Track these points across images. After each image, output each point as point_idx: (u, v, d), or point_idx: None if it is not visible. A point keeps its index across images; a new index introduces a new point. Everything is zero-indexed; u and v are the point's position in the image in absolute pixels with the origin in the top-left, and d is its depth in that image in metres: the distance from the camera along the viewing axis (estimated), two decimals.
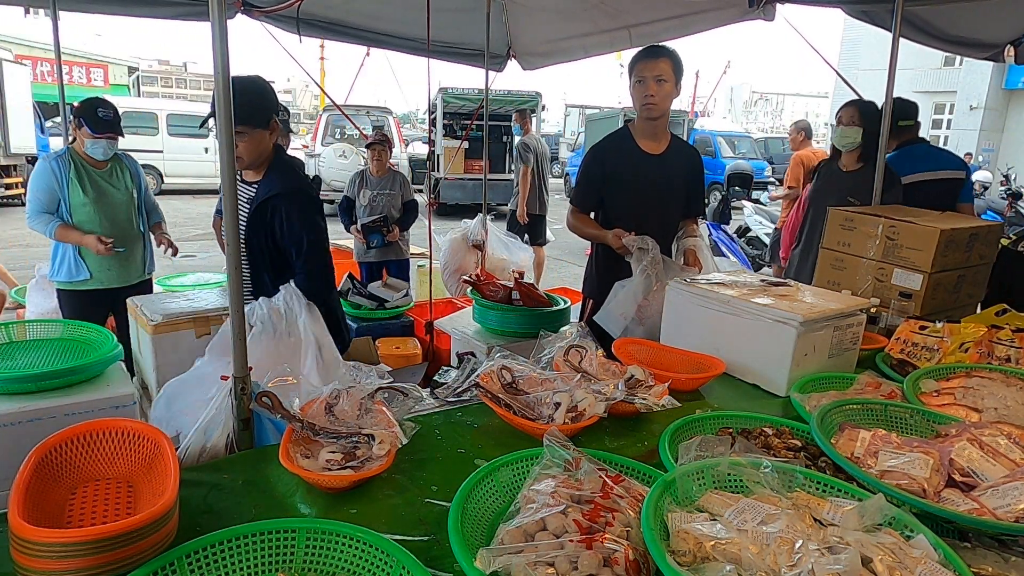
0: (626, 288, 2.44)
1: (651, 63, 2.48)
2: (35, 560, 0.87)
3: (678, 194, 2.69)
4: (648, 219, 2.56)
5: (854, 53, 20.63)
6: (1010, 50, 3.70)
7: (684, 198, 2.72)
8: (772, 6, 3.65)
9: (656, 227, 2.53)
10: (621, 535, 0.93)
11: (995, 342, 1.87)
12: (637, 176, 2.62)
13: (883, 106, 3.10)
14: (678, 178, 2.67)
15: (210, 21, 1.36)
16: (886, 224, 2.43)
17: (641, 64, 2.50)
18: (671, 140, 2.69)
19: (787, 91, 77.04)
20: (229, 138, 1.39)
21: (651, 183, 2.62)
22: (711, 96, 36.64)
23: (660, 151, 2.65)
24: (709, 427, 1.43)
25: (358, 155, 12.44)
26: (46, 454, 1.09)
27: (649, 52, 2.52)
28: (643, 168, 2.62)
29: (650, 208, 2.63)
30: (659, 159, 2.64)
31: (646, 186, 2.62)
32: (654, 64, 2.48)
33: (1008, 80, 18.70)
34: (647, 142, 2.64)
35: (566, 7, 4.19)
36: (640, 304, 2.40)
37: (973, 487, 1.13)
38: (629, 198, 2.65)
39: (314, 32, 4.21)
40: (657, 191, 2.64)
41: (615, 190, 2.67)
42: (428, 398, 2.44)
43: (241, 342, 1.45)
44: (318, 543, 0.95)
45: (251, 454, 1.41)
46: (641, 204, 2.63)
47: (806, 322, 1.72)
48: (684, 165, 2.70)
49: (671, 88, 2.51)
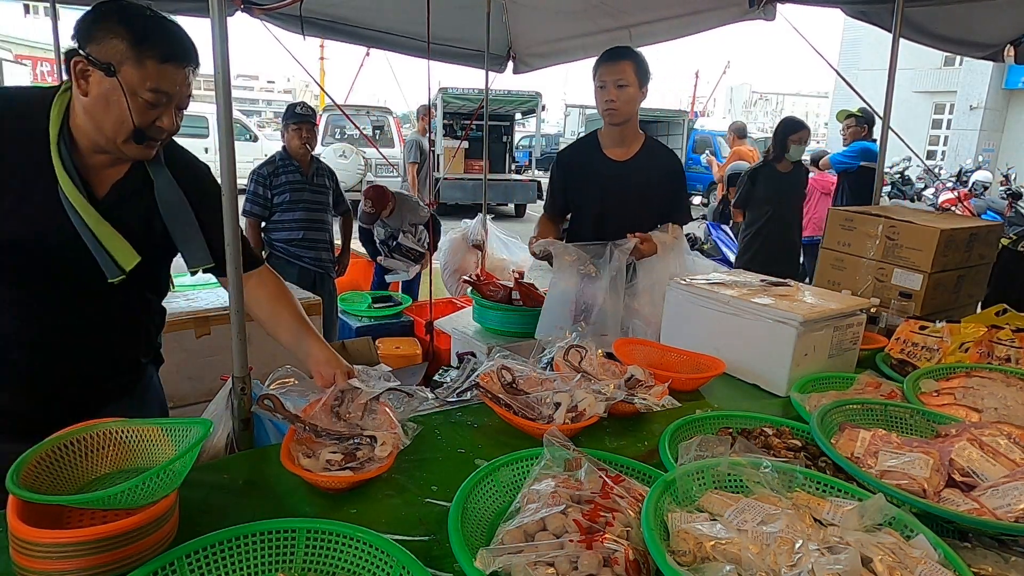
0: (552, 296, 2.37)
1: (612, 66, 2.35)
2: (35, 560, 0.87)
3: (648, 202, 2.50)
4: (611, 228, 2.39)
5: (854, 53, 20.62)
6: (1010, 50, 3.69)
7: (658, 205, 2.51)
8: (772, 6, 3.65)
9: (621, 236, 2.34)
10: (621, 535, 0.93)
11: (995, 342, 1.87)
12: (599, 184, 2.51)
13: (884, 106, 3.10)
14: (648, 185, 2.48)
15: (210, 19, 1.36)
16: (886, 224, 2.43)
17: (603, 68, 2.37)
18: (643, 145, 2.53)
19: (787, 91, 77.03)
20: (229, 138, 1.39)
21: (615, 191, 2.48)
22: (711, 96, 36.67)
23: (627, 157, 2.50)
24: (709, 427, 1.43)
25: (358, 155, 12.45)
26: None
27: (610, 55, 2.39)
28: (606, 175, 2.50)
29: (614, 216, 2.46)
30: (624, 165, 2.50)
31: (608, 194, 2.49)
32: (615, 67, 2.35)
33: (1008, 80, 18.69)
34: (613, 148, 2.51)
35: (566, 7, 4.19)
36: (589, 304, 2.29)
37: (973, 487, 1.13)
38: (591, 206, 2.54)
39: (314, 31, 4.21)
40: (621, 199, 2.48)
41: (576, 197, 2.58)
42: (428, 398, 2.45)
43: (241, 342, 1.46)
44: (318, 543, 0.95)
45: (251, 454, 1.41)
46: (603, 212, 2.51)
47: (806, 322, 1.72)
48: (656, 171, 2.51)
49: (635, 92, 2.38)
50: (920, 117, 20.47)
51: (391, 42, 4.57)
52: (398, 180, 12.06)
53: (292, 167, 3.63)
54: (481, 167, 5.74)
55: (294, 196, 3.62)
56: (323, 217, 3.79)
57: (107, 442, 1.14)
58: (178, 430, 1.16)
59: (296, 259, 3.66)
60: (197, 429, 1.12)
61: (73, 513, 1.06)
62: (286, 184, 3.60)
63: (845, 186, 5.42)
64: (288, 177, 3.61)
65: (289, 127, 3.62)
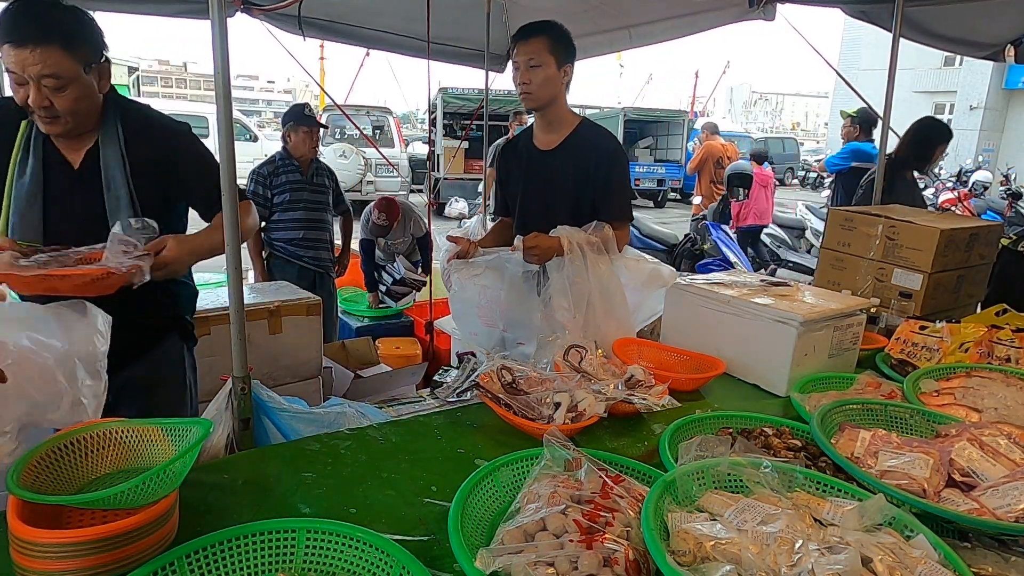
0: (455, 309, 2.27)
1: (524, 45, 2.06)
2: (35, 560, 0.88)
3: (570, 195, 2.18)
4: (531, 224, 2.14)
5: (854, 53, 20.64)
6: (1010, 49, 3.69)
7: (584, 200, 2.16)
8: (772, 6, 3.64)
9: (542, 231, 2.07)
10: (621, 535, 0.93)
11: (995, 342, 1.87)
12: (523, 175, 2.27)
13: (884, 106, 3.10)
14: (571, 176, 2.16)
15: (210, 19, 1.36)
16: (886, 224, 2.43)
17: (515, 48, 2.08)
18: (573, 132, 2.19)
19: (787, 91, 77.07)
20: (229, 138, 1.39)
21: (533, 183, 2.24)
22: (711, 96, 36.63)
23: (553, 145, 2.20)
24: (709, 427, 1.43)
25: (358, 155, 12.45)
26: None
27: (522, 31, 2.08)
28: (530, 166, 2.25)
29: (534, 211, 2.24)
30: (549, 155, 2.21)
31: (530, 187, 2.26)
32: (526, 46, 2.05)
33: (1008, 80, 18.71)
34: (542, 136, 2.24)
35: (566, 7, 4.18)
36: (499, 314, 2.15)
37: (973, 487, 1.13)
38: (518, 200, 2.31)
39: (314, 31, 4.20)
40: (540, 192, 2.23)
41: (507, 191, 2.38)
42: (428, 398, 2.45)
43: (241, 342, 1.46)
44: (318, 543, 0.95)
45: (251, 454, 1.41)
46: (526, 207, 2.28)
47: (806, 322, 1.72)
48: (582, 160, 2.15)
49: (552, 72, 2.06)
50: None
51: (391, 42, 4.57)
52: (398, 180, 12.10)
53: (292, 167, 3.63)
54: (481, 167, 5.74)
55: (294, 196, 3.62)
56: (323, 217, 3.79)
57: (107, 442, 1.15)
58: (178, 430, 1.16)
59: (296, 259, 3.66)
60: (197, 429, 1.12)
61: (73, 513, 1.06)
62: (286, 184, 3.60)
63: (840, 187, 5.52)
64: (288, 177, 3.61)
65: (299, 129, 3.62)
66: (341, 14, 4.23)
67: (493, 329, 2.17)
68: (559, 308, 1.99)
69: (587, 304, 2.01)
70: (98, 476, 1.12)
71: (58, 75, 1.44)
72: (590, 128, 2.22)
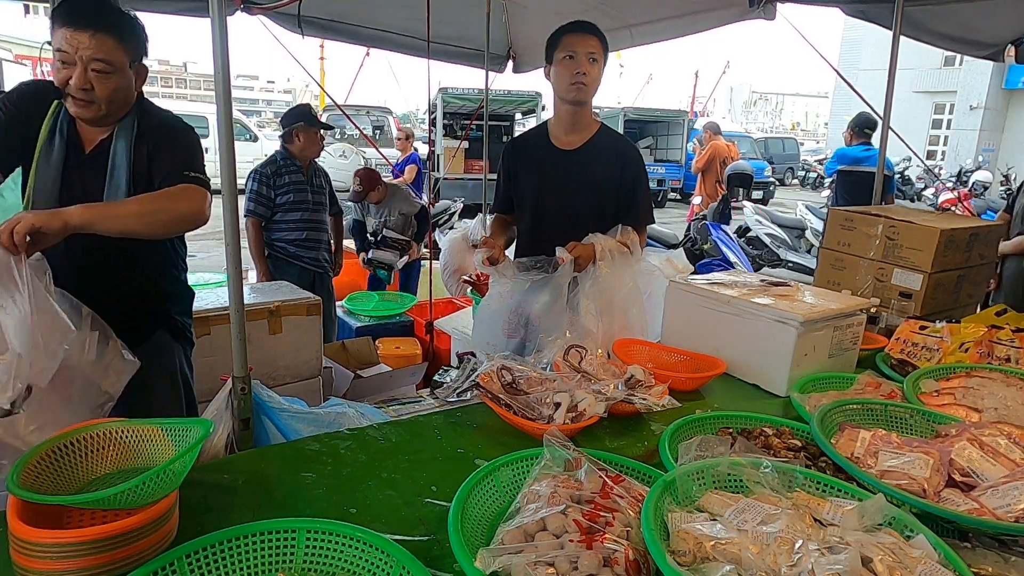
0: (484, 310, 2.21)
1: (584, 38, 2.08)
2: (35, 560, 0.88)
3: (592, 196, 2.20)
4: (547, 225, 2.17)
5: (854, 53, 20.64)
6: (1010, 49, 3.69)
7: (605, 202, 2.21)
8: (772, 5, 3.64)
9: (559, 235, 2.06)
10: (621, 535, 0.93)
11: (995, 342, 1.87)
12: (541, 173, 2.24)
13: (884, 106, 3.10)
14: (595, 178, 2.18)
15: (210, 18, 1.36)
16: (886, 224, 2.43)
17: (571, 37, 2.09)
18: (596, 134, 2.22)
19: (787, 91, 77.11)
20: (229, 137, 1.39)
21: (555, 183, 2.21)
22: (711, 96, 36.65)
23: (576, 146, 2.20)
24: (709, 427, 1.42)
25: (358, 155, 12.45)
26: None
27: (580, 25, 2.11)
28: (549, 165, 2.22)
29: (551, 212, 2.22)
30: (571, 155, 2.20)
31: (548, 187, 2.23)
32: (587, 40, 2.08)
33: (1008, 80, 18.71)
34: (563, 136, 2.22)
35: (566, 7, 4.18)
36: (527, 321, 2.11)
37: (973, 487, 1.13)
38: (530, 201, 2.28)
39: (314, 30, 4.20)
40: (561, 193, 2.21)
41: (517, 190, 2.32)
42: (428, 398, 2.45)
43: (241, 342, 1.46)
44: (318, 543, 0.95)
45: (251, 454, 1.41)
46: (541, 208, 2.25)
47: (806, 322, 1.72)
48: (607, 163, 2.19)
49: (600, 72, 2.12)
50: (920, 117, 20.50)
51: (391, 41, 4.57)
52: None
53: (294, 167, 3.63)
54: (481, 167, 5.75)
55: (297, 197, 3.62)
56: (322, 217, 3.80)
57: (107, 442, 1.15)
58: (178, 430, 1.16)
59: (296, 259, 3.65)
60: (197, 429, 1.12)
61: (73, 513, 1.06)
62: (289, 184, 3.60)
63: (837, 188, 5.98)
64: (291, 178, 3.61)
65: (309, 130, 3.62)
66: (340, 13, 4.23)
67: (511, 340, 2.14)
68: (587, 313, 2.03)
69: (612, 309, 2.04)
70: (98, 476, 1.12)
71: (108, 61, 1.58)
72: (611, 133, 2.30)
